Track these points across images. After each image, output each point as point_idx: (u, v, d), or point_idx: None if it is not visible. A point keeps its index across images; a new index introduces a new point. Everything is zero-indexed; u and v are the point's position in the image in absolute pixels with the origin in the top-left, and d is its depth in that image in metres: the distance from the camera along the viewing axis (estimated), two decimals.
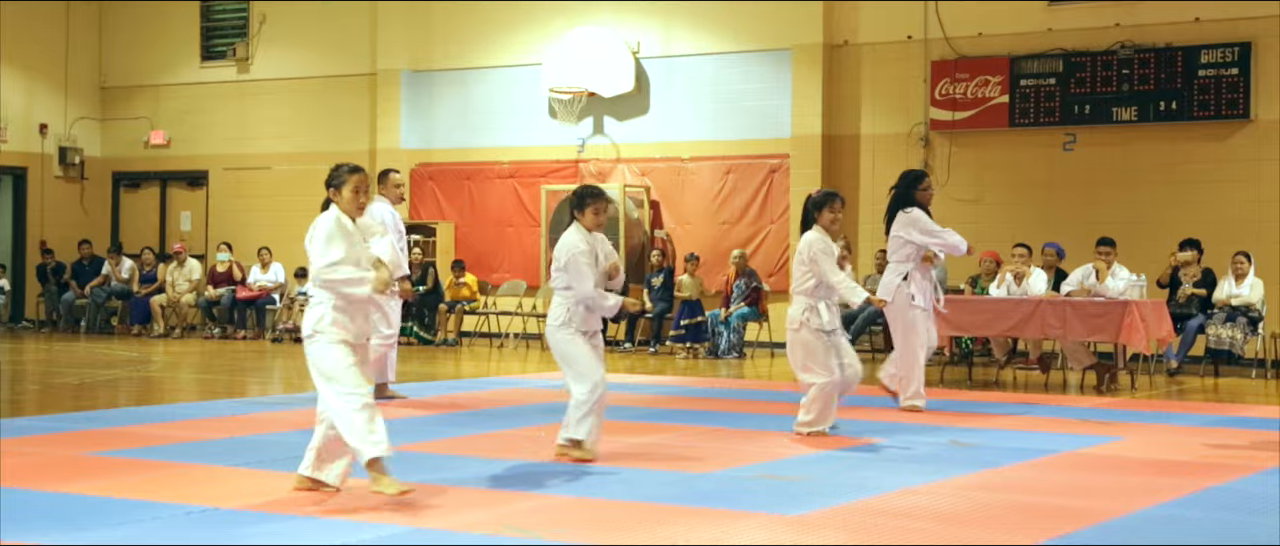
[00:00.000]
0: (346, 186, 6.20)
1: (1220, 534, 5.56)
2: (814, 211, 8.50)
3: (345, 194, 6.20)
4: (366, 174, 6.32)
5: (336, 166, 6.33)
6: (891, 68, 16.74)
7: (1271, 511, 6.06)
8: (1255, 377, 13.57)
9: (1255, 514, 6.00)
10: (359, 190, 6.20)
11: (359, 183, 6.20)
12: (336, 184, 6.24)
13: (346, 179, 6.22)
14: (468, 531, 5.43)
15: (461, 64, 19.31)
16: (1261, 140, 14.87)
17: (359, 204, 6.21)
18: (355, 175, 6.23)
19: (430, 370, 13.97)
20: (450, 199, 19.44)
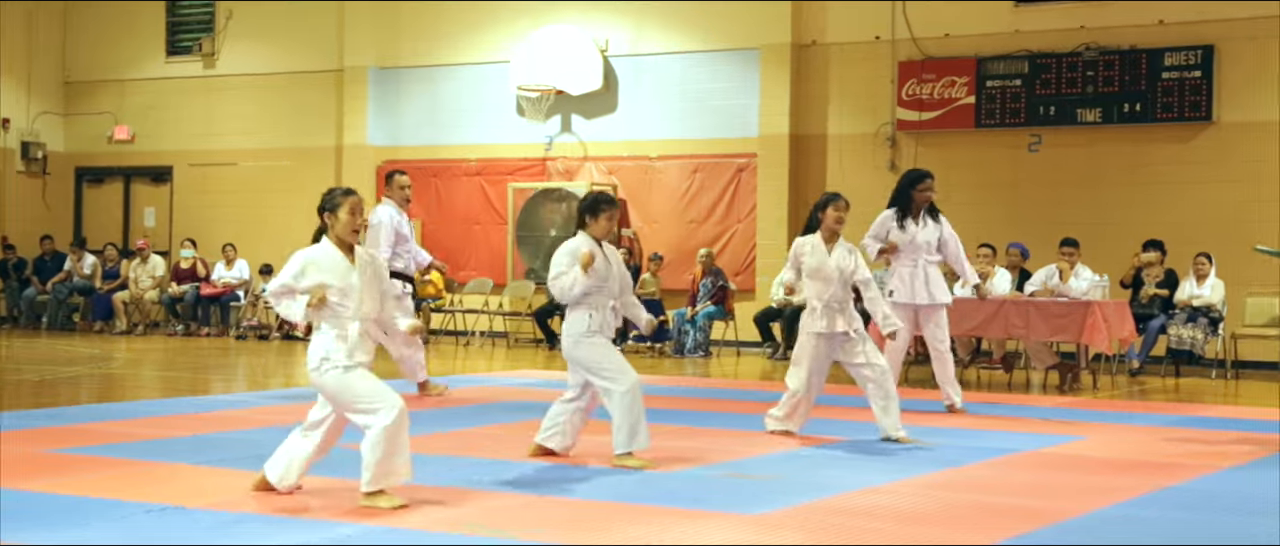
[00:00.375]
0: (342, 209, 6.02)
1: (1178, 533, 5.61)
2: (817, 212, 8.47)
3: (341, 217, 6.02)
4: (361, 197, 6.15)
5: (330, 190, 6.15)
6: (859, 68, 16.81)
7: (1229, 510, 6.12)
8: (1215, 377, 13.69)
9: (1214, 513, 6.06)
10: (355, 212, 6.03)
11: (355, 205, 6.04)
12: (331, 208, 6.05)
13: (341, 201, 6.03)
14: (432, 530, 5.42)
15: (429, 61, 19.26)
16: (1223, 142, 15.00)
17: (354, 226, 6.03)
18: (350, 198, 6.05)
19: (396, 368, 13.91)
20: (417, 196, 19.21)
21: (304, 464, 6.16)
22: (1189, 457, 7.81)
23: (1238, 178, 14.92)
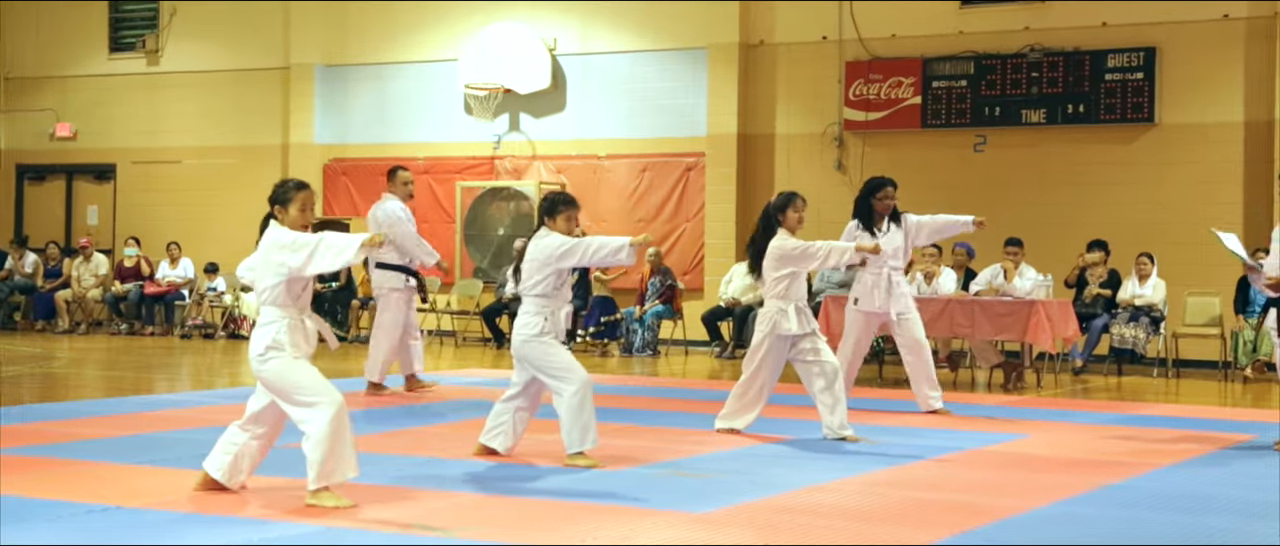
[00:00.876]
0: (293, 204, 5.96)
1: (1119, 531, 5.68)
2: (777, 215, 8.43)
3: (292, 212, 5.96)
4: (313, 191, 6.10)
5: (282, 182, 6.07)
6: (806, 68, 16.88)
7: (1169, 508, 6.20)
8: (1157, 376, 13.86)
9: (1153, 511, 6.14)
10: (306, 208, 5.98)
11: (306, 199, 5.98)
12: (283, 201, 5.99)
13: (293, 196, 5.97)
14: (377, 530, 5.40)
15: (376, 59, 19.17)
16: (1165, 144, 15.19)
17: (305, 222, 5.97)
18: (302, 192, 5.99)
19: (343, 367, 13.84)
20: (364, 194, 19.27)
21: (253, 460, 6.11)
22: (1130, 455, 7.90)
23: (1179, 179, 15.11)
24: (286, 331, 5.89)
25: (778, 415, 9.62)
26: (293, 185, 6.02)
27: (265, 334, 5.91)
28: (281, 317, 5.91)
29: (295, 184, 6.04)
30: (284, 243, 5.87)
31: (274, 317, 5.93)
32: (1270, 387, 13.09)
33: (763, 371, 8.34)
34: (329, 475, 5.78)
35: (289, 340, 5.88)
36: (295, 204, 5.96)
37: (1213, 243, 15.16)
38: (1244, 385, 13.24)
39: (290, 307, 5.94)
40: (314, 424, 5.78)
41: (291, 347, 5.88)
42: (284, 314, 5.92)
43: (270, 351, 5.87)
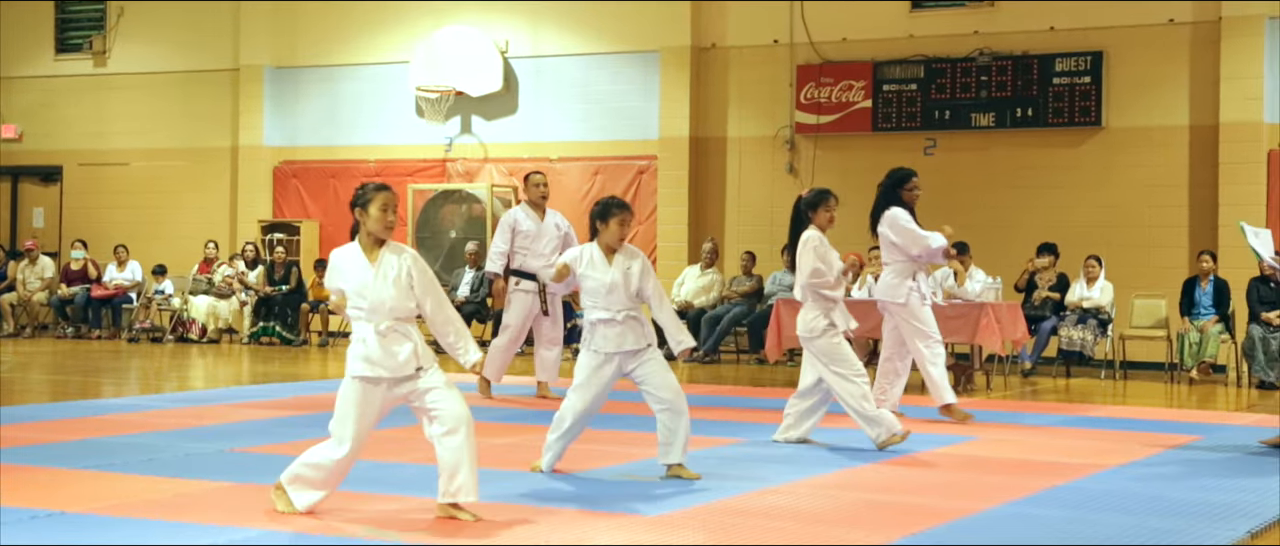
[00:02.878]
0: (373, 204, 5.76)
1: (1065, 531, 5.72)
2: (808, 211, 8.21)
3: (373, 212, 5.75)
4: (395, 193, 5.89)
5: (362, 185, 5.88)
6: (758, 71, 16.93)
7: (1115, 509, 6.25)
8: (1104, 378, 13.99)
9: (1101, 511, 6.19)
10: (387, 208, 5.77)
11: (387, 200, 5.78)
12: (362, 203, 5.79)
13: (373, 197, 5.77)
14: (322, 534, 5.36)
15: (327, 61, 19.07)
16: (1112, 147, 15.34)
17: (387, 223, 5.76)
18: (382, 193, 5.80)
19: (293, 371, 13.77)
20: (315, 197, 19.20)
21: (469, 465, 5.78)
22: (1078, 457, 7.96)
23: (1125, 182, 15.27)
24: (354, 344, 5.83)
25: (732, 418, 9.64)
26: (372, 187, 5.82)
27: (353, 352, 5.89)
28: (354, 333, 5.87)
29: (375, 186, 5.83)
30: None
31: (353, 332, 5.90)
32: (1215, 389, 13.26)
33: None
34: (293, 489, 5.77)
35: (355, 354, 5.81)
36: (376, 204, 5.75)
37: (1159, 246, 15.40)
38: (1190, 387, 13.39)
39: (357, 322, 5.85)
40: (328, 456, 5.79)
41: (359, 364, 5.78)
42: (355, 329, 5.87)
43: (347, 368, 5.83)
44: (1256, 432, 9.44)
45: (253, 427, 8.72)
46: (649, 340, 6.87)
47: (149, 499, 6.06)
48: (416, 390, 5.72)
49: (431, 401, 5.69)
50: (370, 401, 5.76)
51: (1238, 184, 14.65)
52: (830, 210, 8.23)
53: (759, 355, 15.25)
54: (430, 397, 5.70)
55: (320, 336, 17.75)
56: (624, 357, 6.80)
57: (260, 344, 17.33)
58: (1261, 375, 13.21)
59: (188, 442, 7.90)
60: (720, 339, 15.62)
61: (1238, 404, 11.94)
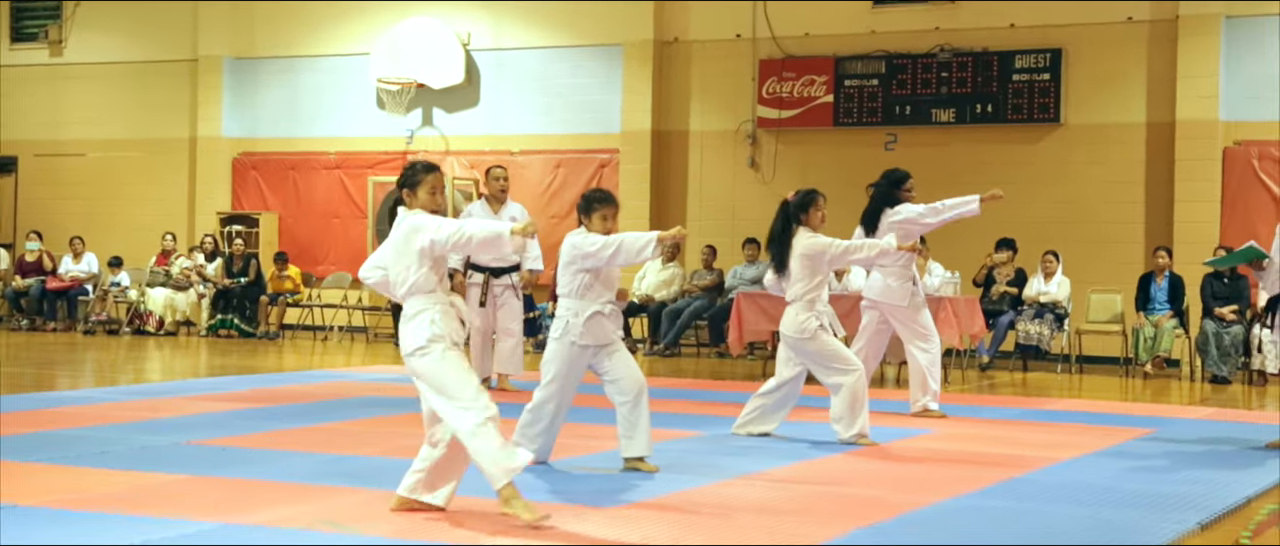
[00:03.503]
0: (422, 187, 5.62)
1: (1019, 523, 5.77)
2: (799, 213, 8.09)
3: (421, 195, 5.62)
4: (442, 173, 5.74)
5: (410, 165, 5.70)
6: (720, 65, 16.96)
7: (1068, 500, 6.31)
8: (1061, 372, 14.11)
9: (1054, 503, 6.24)
10: (436, 190, 5.64)
11: (436, 182, 5.64)
12: (411, 184, 5.64)
13: (422, 178, 5.63)
14: (279, 526, 5.33)
15: (287, 52, 18.97)
16: (1070, 143, 15.46)
17: (436, 205, 5.65)
18: (431, 175, 5.64)
19: (251, 363, 13.69)
20: (274, 189, 19.10)
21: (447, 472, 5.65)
22: (1034, 449, 8.03)
23: (1083, 178, 15.39)
24: (441, 318, 5.53)
25: (692, 411, 9.66)
26: (421, 167, 5.67)
27: (421, 324, 5.52)
28: (433, 304, 5.55)
29: (424, 166, 5.68)
30: (423, 224, 5.53)
31: (424, 305, 5.55)
32: (1169, 382, 13.39)
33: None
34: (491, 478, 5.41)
35: (445, 328, 5.51)
36: (424, 187, 5.62)
37: (1115, 241, 15.53)
38: (1144, 380, 13.51)
39: (438, 291, 5.58)
40: (462, 429, 5.42)
41: (449, 335, 5.51)
42: (433, 299, 5.55)
43: (432, 344, 5.49)
44: (1209, 426, 9.55)
45: (209, 420, 8.68)
46: (620, 332, 6.90)
47: (103, 492, 6.02)
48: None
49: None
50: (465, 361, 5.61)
51: (1193, 181, 14.80)
52: (820, 209, 8.16)
53: (719, 348, 15.30)
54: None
55: (275, 329, 17.66)
56: (596, 349, 6.78)
57: (218, 336, 17.23)
58: (1214, 369, 13.36)
59: (143, 435, 7.85)
60: (681, 332, 15.65)
61: (1191, 398, 12.06)
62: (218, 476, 6.47)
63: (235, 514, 5.57)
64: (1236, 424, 9.84)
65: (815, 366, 8.11)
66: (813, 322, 8.02)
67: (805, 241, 8.09)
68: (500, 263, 10.90)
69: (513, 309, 11.04)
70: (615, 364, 6.82)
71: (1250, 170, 14.70)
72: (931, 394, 9.62)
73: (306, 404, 9.80)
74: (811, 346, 8.03)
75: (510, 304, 11.01)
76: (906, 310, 9.55)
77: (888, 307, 9.59)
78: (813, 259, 8.05)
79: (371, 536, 5.20)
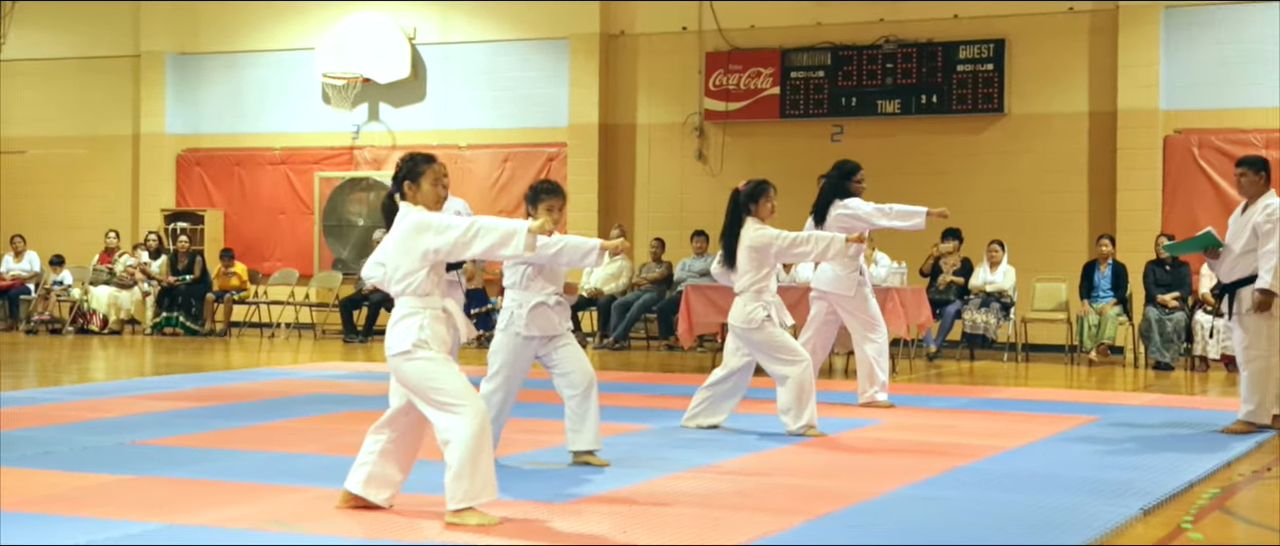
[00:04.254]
0: (425, 178, 5.47)
1: (965, 510, 5.81)
2: (748, 204, 8.09)
3: (424, 187, 5.46)
4: (444, 164, 5.58)
5: (409, 156, 5.54)
6: (667, 58, 16.97)
7: (1014, 488, 6.37)
8: (1007, 360, 14.23)
9: (1000, 490, 6.30)
10: (438, 182, 5.49)
11: (438, 173, 5.50)
12: (413, 176, 5.47)
13: (424, 169, 5.47)
14: (225, 526, 5.30)
15: (230, 47, 18.81)
16: (1014, 133, 15.59)
17: (439, 197, 5.49)
18: (432, 165, 5.49)
19: (197, 361, 13.57)
20: (219, 186, 18.93)
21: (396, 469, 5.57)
22: (981, 438, 8.10)
23: (1027, 167, 15.52)
24: (431, 324, 5.38)
25: (641, 404, 9.67)
26: (420, 158, 5.50)
27: (408, 327, 5.37)
28: (424, 309, 5.39)
29: (423, 157, 5.52)
30: (429, 223, 5.38)
31: (414, 308, 5.38)
32: (1113, 369, 13.55)
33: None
34: (475, 495, 5.25)
35: (432, 334, 5.36)
36: (427, 178, 5.46)
37: (1059, 230, 15.67)
38: (1089, 368, 13.66)
39: (434, 295, 5.44)
40: (456, 432, 5.24)
41: (436, 343, 5.36)
42: (427, 303, 5.39)
43: (417, 348, 5.32)
44: (1152, 412, 9.67)
45: (154, 419, 8.60)
46: (569, 324, 6.88)
47: (47, 493, 5.95)
48: None
49: None
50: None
51: (1135, 169, 14.97)
52: (770, 200, 8.17)
53: (669, 341, 15.32)
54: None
55: (221, 326, 17.52)
56: (542, 341, 6.77)
57: (164, 335, 17.08)
58: (1157, 356, 13.52)
59: (87, 435, 7.77)
60: (630, 325, 15.66)
61: (1135, 384, 12.21)
62: (163, 476, 6.42)
63: (180, 514, 5.52)
64: (1179, 409, 9.97)
65: (762, 357, 8.14)
66: (760, 313, 8.04)
67: (753, 233, 8.11)
68: None
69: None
70: (564, 357, 6.82)
71: (1191, 158, 14.88)
72: (879, 384, 9.68)
73: (253, 402, 9.73)
74: (759, 336, 8.05)
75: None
76: (854, 300, 9.61)
77: (836, 298, 9.64)
78: (759, 251, 8.08)
79: (318, 535, 5.17)
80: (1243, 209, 8.51)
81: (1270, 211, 8.26)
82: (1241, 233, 8.38)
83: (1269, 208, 8.29)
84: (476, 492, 5.27)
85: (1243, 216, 8.46)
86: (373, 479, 5.56)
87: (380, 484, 5.57)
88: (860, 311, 9.64)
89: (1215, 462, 7.21)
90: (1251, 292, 8.24)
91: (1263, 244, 8.20)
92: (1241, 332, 8.37)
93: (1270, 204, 8.32)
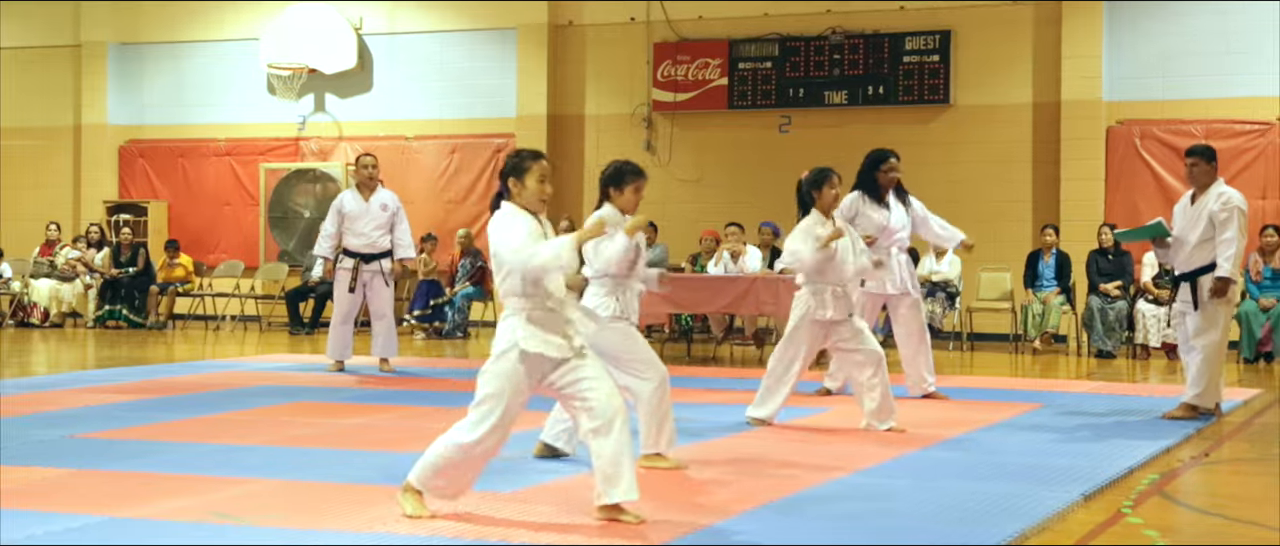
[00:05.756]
0: (530, 175, 5.22)
1: (910, 498, 5.86)
2: (811, 191, 7.93)
3: (530, 184, 5.22)
4: (550, 162, 5.35)
5: (516, 152, 5.32)
6: (615, 49, 16.97)
7: (958, 475, 6.43)
8: (952, 349, 14.35)
9: (944, 478, 6.35)
10: (545, 179, 5.26)
11: (545, 170, 5.26)
12: (519, 173, 5.23)
13: (531, 166, 5.23)
14: (168, 520, 5.25)
15: (174, 37, 18.62)
16: (959, 124, 15.70)
17: (544, 195, 5.25)
18: (539, 162, 5.25)
19: (140, 354, 13.44)
20: (163, 177, 18.75)
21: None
22: (927, 426, 8.16)
23: (972, 158, 15.64)
24: (525, 325, 5.14)
25: None
26: (528, 155, 5.28)
27: (500, 330, 5.20)
28: (519, 310, 5.16)
29: (531, 153, 5.30)
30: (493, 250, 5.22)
31: (512, 310, 5.19)
32: (1057, 358, 13.69)
33: (795, 358, 7.95)
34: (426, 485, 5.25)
35: (526, 334, 5.11)
36: (533, 175, 5.23)
37: (1004, 220, 15.79)
38: (1033, 356, 13.80)
39: (536, 297, 5.18)
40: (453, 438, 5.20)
41: (539, 343, 5.10)
42: (524, 304, 5.16)
43: (500, 357, 5.16)
44: (1095, 400, 9.78)
45: (97, 412, 8.51)
46: None
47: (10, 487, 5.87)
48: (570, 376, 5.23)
49: (584, 388, 5.20)
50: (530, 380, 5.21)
51: (1078, 160, 15.12)
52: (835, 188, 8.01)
53: None
54: (583, 384, 5.21)
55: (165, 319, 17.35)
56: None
57: (106, 328, 16.90)
58: (1100, 344, 13.68)
59: (28, 429, 7.68)
60: None
61: (1078, 372, 12.34)
62: (106, 470, 6.35)
63: (123, 507, 5.47)
64: (1121, 397, 10.10)
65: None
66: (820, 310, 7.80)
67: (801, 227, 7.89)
68: (371, 249, 11.20)
69: (383, 294, 11.32)
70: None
71: (1133, 149, 15.05)
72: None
73: (197, 394, 9.64)
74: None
75: (380, 289, 11.23)
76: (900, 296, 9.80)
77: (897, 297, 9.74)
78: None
79: (261, 527, 5.14)
80: (1191, 198, 8.53)
81: (1225, 200, 8.31)
82: (1196, 223, 8.40)
83: (1223, 196, 8.34)
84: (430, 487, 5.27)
85: (1193, 207, 8.47)
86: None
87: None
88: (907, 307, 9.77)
89: (1156, 448, 7.31)
90: (1211, 279, 8.29)
91: (1220, 232, 8.26)
92: (1195, 319, 8.40)
93: (1223, 193, 8.37)
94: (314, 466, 6.50)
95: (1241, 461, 7.25)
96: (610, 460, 5.14)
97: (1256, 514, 5.72)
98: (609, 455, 5.14)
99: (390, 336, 11.31)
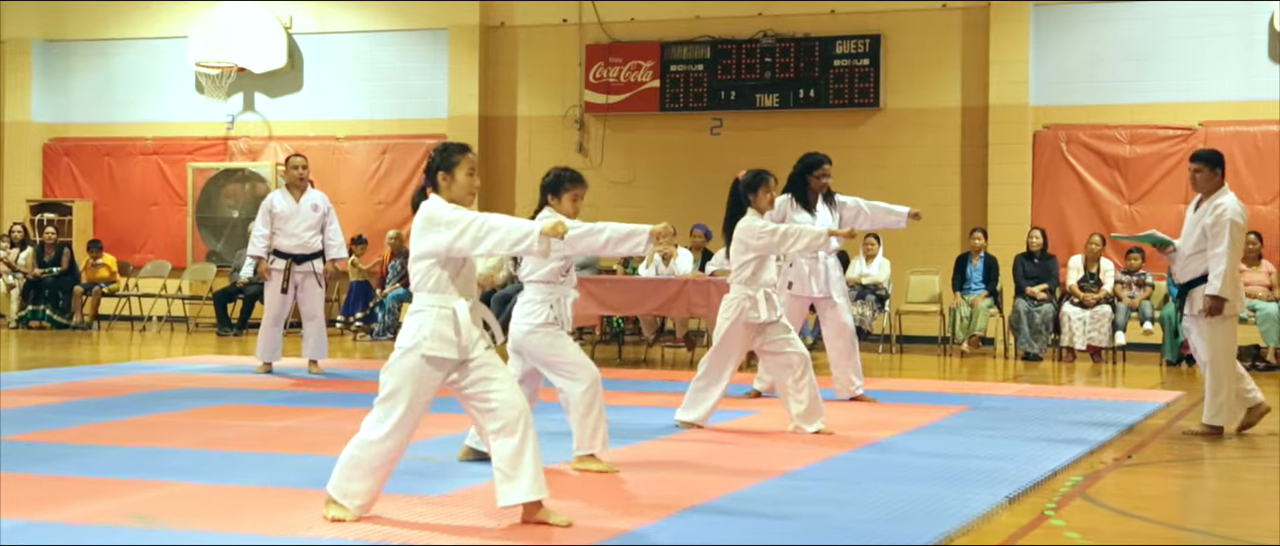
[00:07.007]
0: (460, 168, 5.17)
1: (835, 500, 5.89)
2: (747, 194, 7.95)
3: (459, 177, 5.17)
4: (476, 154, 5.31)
5: (442, 146, 5.26)
6: (547, 50, 16.94)
7: (886, 478, 6.48)
8: (882, 352, 14.46)
9: (872, 480, 6.40)
10: (474, 172, 5.21)
11: (473, 163, 5.22)
12: (448, 167, 5.18)
13: (459, 159, 5.18)
14: (88, 523, 5.17)
15: (100, 35, 18.36)
16: (889, 127, 15.83)
17: (473, 189, 5.21)
18: (467, 155, 5.21)
19: (65, 355, 13.23)
20: (88, 176, 18.49)
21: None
22: (854, 429, 8.21)
23: (902, 161, 15.77)
24: (433, 324, 5.08)
25: None
26: (455, 148, 5.22)
27: (408, 326, 5.15)
28: (428, 307, 5.11)
29: (458, 147, 5.24)
30: (437, 218, 5.10)
31: (420, 306, 5.14)
32: (984, 361, 13.84)
33: (726, 360, 7.93)
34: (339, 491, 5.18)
35: (432, 333, 5.06)
36: (462, 168, 5.17)
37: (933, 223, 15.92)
38: (961, 359, 13.94)
39: (445, 294, 5.12)
40: (363, 440, 5.17)
41: (438, 343, 5.05)
42: (433, 302, 5.11)
43: (405, 354, 5.11)
44: (1022, 402, 9.89)
45: (19, 415, 8.36)
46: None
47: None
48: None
49: (486, 390, 5.15)
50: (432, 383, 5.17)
51: (1006, 164, 15.29)
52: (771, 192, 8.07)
53: None
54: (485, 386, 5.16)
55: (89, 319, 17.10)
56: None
57: (29, 328, 16.63)
58: (1026, 347, 13.85)
59: None
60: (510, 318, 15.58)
61: (1005, 374, 12.48)
62: (27, 472, 6.25)
63: (42, 510, 5.38)
64: (1047, 399, 10.23)
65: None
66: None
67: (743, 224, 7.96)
68: (304, 250, 11.18)
69: (315, 295, 11.29)
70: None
71: (1059, 153, 15.24)
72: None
73: (122, 396, 9.51)
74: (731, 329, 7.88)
75: (312, 290, 11.18)
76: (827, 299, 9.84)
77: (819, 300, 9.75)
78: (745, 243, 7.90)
79: (181, 530, 5.07)
80: (1195, 205, 8.28)
81: (1220, 212, 7.99)
82: (1193, 231, 8.18)
83: (1218, 207, 8.02)
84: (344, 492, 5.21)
85: (1195, 214, 8.24)
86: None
87: None
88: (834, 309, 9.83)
89: (1079, 451, 7.40)
90: (1202, 296, 8.06)
91: (1213, 245, 7.99)
92: (1196, 335, 8.26)
93: (1219, 204, 8.05)
94: (238, 469, 6.44)
95: (1162, 463, 7.37)
96: (509, 459, 5.10)
97: (1175, 516, 5.81)
98: (508, 454, 5.10)
99: (320, 338, 11.25)
